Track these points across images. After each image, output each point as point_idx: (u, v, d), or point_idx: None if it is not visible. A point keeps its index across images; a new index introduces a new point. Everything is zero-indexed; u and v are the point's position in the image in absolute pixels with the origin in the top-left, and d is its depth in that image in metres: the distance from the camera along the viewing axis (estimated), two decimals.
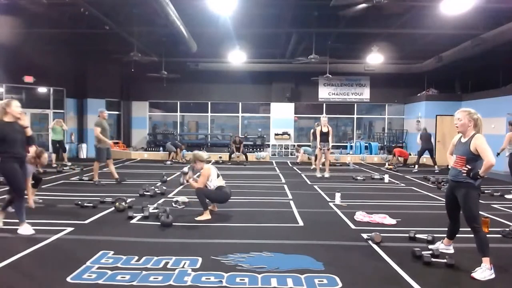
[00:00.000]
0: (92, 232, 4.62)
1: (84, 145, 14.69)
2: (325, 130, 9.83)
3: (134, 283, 3.16)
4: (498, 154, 8.03)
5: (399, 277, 3.40)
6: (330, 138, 9.86)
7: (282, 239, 4.43)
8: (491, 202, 6.82)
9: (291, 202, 6.62)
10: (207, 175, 5.52)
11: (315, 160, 11.45)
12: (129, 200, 6.30)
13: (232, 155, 13.88)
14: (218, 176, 5.64)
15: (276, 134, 16.63)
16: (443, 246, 4.04)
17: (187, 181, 5.69)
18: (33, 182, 5.71)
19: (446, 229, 4.01)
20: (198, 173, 5.79)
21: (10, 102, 4.42)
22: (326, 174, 9.91)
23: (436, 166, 11.78)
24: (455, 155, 3.72)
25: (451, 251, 4.02)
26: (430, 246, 4.11)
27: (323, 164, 10.23)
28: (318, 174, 9.98)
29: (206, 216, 5.38)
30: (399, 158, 13.25)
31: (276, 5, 9.19)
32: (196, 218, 5.32)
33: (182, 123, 17.67)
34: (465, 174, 3.49)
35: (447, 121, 14.21)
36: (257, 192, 7.62)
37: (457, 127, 3.66)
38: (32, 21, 10.14)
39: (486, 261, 3.41)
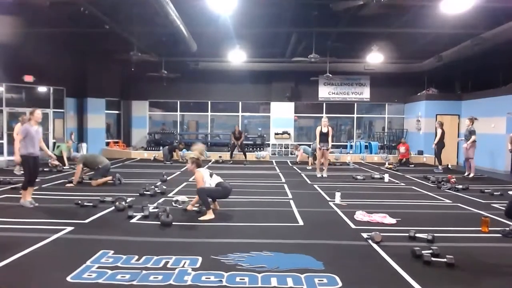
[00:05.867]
0: (92, 232, 4.62)
1: (84, 145, 14.68)
2: (325, 130, 9.82)
3: (134, 283, 3.16)
4: None
5: (399, 277, 3.40)
6: (330, 139, 9.85)
7: (282, 239, 4.43)
8: (491, 202, 6.82)
9: (291, 202, 6.62)
10: (201, 177, 5.57)
11: (314, 160, 11.48)
12: (129, 199, 6.31)
13: (233, 152, 13.85)
14: (211, 175, 5.69)
15: (276, 134, 16.63)
16: None
17: (187, 207, 5.82)
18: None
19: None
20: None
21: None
22: (324, 174, 9.93)
23: (439, 166, 11.70)
24: None
25: None
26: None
27: (322, 163, 10.21)
28: (318, 174, 10.01)
29: (210, 215, 5.37)
30: (400, 159, 13.14)
31: (276, 5, 9.17)
32: (200, 218, 5.31)
33: (182, 122, 17.67)
34: None
35: (447, 121, 14.19)
36: (257, 191, 7.62)
37: None
38: (32, 21, 10.13)
39: None
